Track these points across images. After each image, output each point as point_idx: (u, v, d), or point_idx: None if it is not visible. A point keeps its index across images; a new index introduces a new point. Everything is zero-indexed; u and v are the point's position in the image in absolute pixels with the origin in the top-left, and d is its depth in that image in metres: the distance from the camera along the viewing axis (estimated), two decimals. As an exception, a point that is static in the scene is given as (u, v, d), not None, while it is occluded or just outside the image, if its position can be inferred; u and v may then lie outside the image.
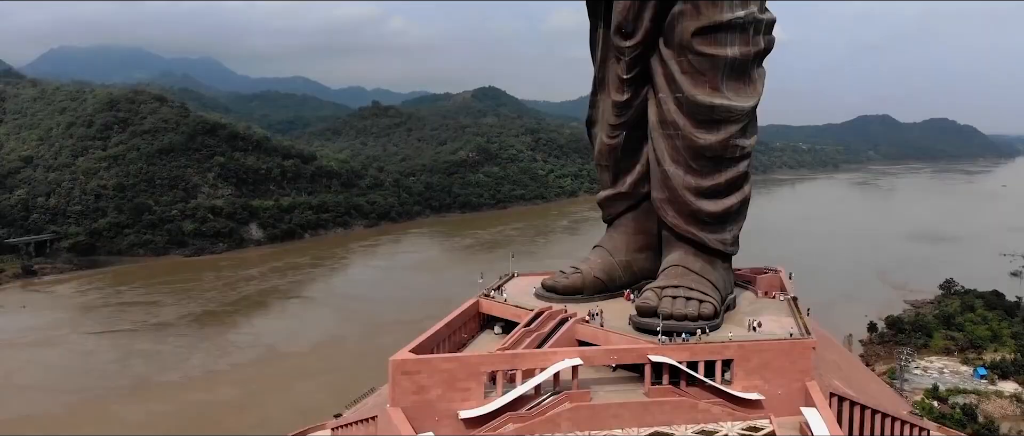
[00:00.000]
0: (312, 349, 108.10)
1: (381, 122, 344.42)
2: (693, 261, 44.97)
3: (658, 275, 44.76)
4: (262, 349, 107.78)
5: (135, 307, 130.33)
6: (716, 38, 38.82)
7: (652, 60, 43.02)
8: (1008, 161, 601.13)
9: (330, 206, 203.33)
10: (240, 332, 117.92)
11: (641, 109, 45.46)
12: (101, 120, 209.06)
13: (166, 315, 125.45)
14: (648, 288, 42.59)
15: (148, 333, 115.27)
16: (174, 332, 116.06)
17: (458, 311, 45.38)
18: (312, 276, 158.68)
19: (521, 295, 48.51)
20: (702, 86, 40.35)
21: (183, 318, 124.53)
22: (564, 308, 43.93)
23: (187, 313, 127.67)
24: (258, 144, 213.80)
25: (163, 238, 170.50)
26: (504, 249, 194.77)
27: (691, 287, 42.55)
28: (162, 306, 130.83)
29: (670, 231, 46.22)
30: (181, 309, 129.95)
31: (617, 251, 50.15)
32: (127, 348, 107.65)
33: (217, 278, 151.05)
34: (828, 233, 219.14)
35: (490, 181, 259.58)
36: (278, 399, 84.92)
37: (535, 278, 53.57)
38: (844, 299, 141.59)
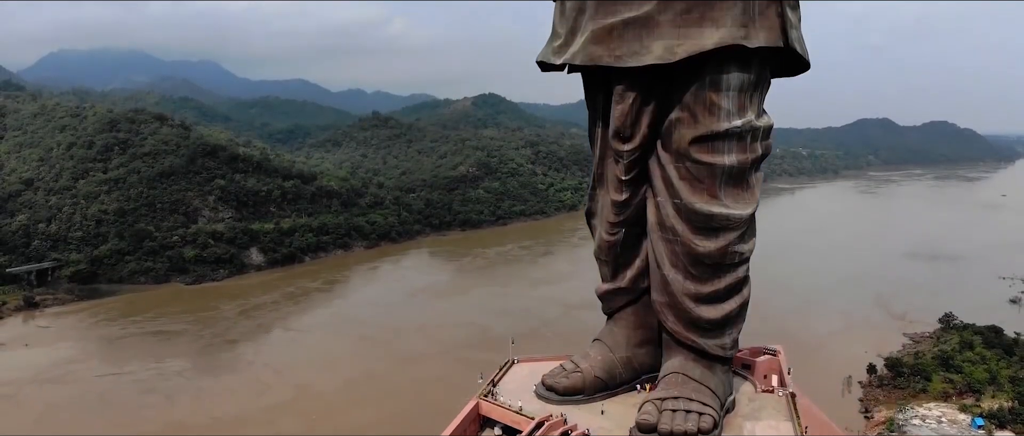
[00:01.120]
0: (345, 386, 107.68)
1: (381, 133, 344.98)
2: (693, 368, 45.14)
3: (658, 381, 45.10)
4: (293, 388, 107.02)
5: (147, 341, 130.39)
6: (713, 146, 39.01)
7: (651, 162, 43.15)
8: (1008, 165, 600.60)
9: (330, 228, 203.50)
10: (264, 367, 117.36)
11: (640, 207, 45.58)
12: (102, 141, 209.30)
13: (181, 350, 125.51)
14: (648, 400, 42.88)
15: (166, 371, 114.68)
16: (194, 369, 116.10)
17: (459, 418, 45.67)
18: (320, 302, 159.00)
19: (521, 391, 48.71)
20: (700, 193, 40.52)
21: (199, 353, 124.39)
22: (563, 419, 44.26)
23: (202, 347, 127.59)
24: (259, 165, 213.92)
25: (164, 265, 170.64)
26: (510, 268, 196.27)
27: (691, 397, 42.73)
28: (174, 340, 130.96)
29: (670, 336, 46.57)
30: (194, 342, 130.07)
31: (618, 347, 50.21)
32: (147, 388, 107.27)
33: (225, 307, 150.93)
34: (827, 247, 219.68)
35: (490, 197, 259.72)
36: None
37: (536, 365, 53.66)
38: (843, 329, 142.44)
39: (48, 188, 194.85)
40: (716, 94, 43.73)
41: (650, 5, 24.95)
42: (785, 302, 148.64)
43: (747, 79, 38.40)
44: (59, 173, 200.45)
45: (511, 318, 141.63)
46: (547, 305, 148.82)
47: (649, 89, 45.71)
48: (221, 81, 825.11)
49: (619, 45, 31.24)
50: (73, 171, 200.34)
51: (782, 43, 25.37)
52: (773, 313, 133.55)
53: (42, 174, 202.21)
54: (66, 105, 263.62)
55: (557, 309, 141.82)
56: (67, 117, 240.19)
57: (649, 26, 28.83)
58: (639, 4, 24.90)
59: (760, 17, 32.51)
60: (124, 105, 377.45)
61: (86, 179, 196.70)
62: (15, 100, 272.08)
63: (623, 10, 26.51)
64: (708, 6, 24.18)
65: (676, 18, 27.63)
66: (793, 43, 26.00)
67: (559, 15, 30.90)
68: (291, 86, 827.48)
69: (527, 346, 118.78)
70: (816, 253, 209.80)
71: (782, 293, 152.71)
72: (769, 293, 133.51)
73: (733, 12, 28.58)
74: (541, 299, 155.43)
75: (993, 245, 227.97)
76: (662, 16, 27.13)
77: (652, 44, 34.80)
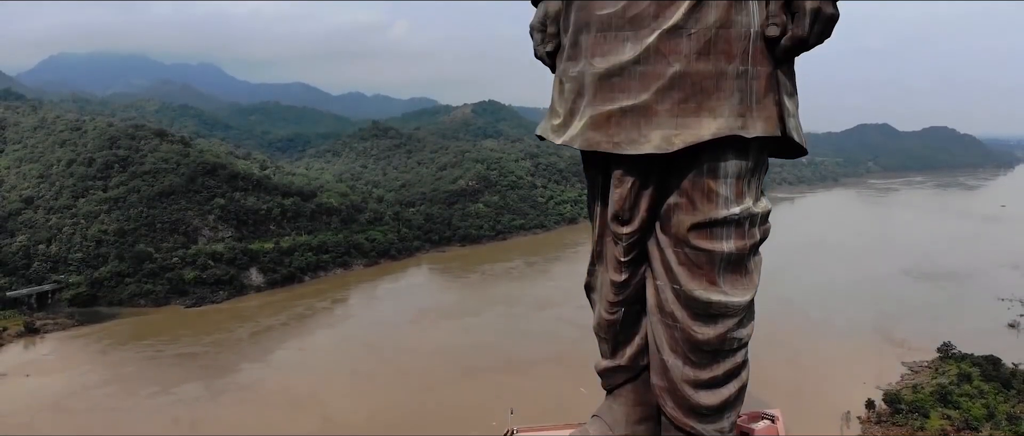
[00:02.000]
0: (373, 416, 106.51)
1: (381, 144, 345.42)
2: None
3: (657, 467, 45.48)
4: (320, 420, 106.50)
5: (158, 367, 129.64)
6: (712, 233, 39.12)
7: (650, 244, 43.53)
8: (1007, 171, 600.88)
9: (330, 246, 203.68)
10: (283, 394, 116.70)
11: (640, 286, 46.12)
12: (102, 159, 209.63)
13: (193, 374, 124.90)
14: (646, 489, 43.27)
15: (184, 397, 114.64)
16: (210, 396, 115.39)
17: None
18: (329, 324, 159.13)
19: (521, 470, 49.12)
20: (699, 280, 40.73)
21: (213, 378, 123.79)
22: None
23: (214, 372, 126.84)
24: (259, 183, 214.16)
25: (164, 287, 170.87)
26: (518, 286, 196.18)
27: (689, 477, 43.29)
28: (186, 364, 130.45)
29: (669, 420, 46.98)
30: (206, 368, 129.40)
31: (617, 424, 50.50)
32: (169, 416, 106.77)
33: (231, 330, 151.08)
34: (827, 263, 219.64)
35: (490, 211, 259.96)
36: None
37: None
38: (843, 357, 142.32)
39: (48, 207, 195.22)
40: (714, 181, 44.17)
41: (647, 95, 25.17)
42: (786, 324, 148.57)
43: (745, 166, 38.78)
44: (59, 191, 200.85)
45: (529, 341, 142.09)
46: (562, 327, 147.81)
47: (647, 173, 46.21)
48: (221, 84, 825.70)
49: (617, 132, 31.73)
50: (73, 189, 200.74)
51: (779, 133, 25.78)
52: (775, 337, 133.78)
53: (42, 192, 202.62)
54: (66, 118, 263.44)
55: (574, 331, 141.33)
56: (67, 131, 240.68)
57: (647, 115, 29.22)
58: (637, 93, 25.12)
59: (758, 106, 32.94)
60: (124, 113, 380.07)
61: (86, 197, 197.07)
62: (15, 112, 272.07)
63: (621, 98, 26.76)
64: (705, 96, 24.40)
65: (673, 108, 27.97)
66: (791, 132, 26.26)
67: (558, 93, 30.71)
68: (291, 89, 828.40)
69: (550, 371, 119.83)
70: (816, 270, 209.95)
71: (783, 315, 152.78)
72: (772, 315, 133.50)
73: (730, 102, 28.96)
74: (556, 320, 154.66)
75: (992, 262, 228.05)
76: (660, 105, 27.45)
77: (650, 133, 35.23)
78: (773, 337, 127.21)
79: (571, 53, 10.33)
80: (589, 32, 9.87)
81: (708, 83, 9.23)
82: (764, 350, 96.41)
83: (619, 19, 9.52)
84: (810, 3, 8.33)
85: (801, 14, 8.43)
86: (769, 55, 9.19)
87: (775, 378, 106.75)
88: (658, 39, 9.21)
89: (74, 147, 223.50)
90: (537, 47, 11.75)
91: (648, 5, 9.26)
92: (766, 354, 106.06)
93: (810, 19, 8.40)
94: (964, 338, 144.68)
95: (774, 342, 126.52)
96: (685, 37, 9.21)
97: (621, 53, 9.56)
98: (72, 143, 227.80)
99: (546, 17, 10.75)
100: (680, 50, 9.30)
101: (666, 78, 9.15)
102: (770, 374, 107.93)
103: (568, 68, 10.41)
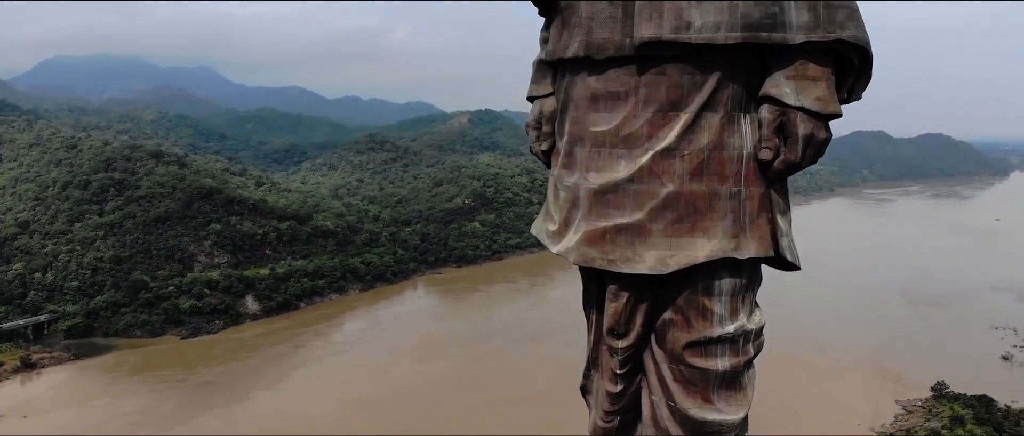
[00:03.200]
0: None
1: (377, 157, 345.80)
2: None
3: None
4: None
5: (166, 403, 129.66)
6: (707, 351, 39.50)
7: (645, 356, 43.95)
8: (1002, 179, 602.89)
9: (326, 271, 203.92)
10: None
11: (635, 395, 46.57)
12: (97, 182, 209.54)
13: (214, 408, 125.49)
14: None
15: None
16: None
17: None
18: (336, 352, 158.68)
19: None
20: (694, 397, 41.09)
21: (226, 411, 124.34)
22: None
23: (236, 411, 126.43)
24: (254, 207, 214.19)
25: (159, 317, 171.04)
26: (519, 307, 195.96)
27: None
28: (205, 395, 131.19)
29: None
30: (223, 403, 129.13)
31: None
32: None
33: (236, 363, 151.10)
34: (823, 284, 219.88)
35: (486, 230, 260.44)
36: None
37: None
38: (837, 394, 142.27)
39: (44, 231, 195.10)
40: (709, 300, 45.02)
41: (642, 214, 25.51)
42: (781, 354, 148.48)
43: (739, 283, 39.45)
44: (55, 215, 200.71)
45: (551, 369, 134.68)
46: (580, 355, 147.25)
47: (642, 289, 47.18)
48: (218, 88, 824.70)
49: (612, 249, 32.12)
50: (69, 213, 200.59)
51: (772, 252, 26.21)
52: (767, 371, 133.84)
53: (38, 215, 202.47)
54: (62, 135, 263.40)
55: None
56: (63, 150, 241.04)
57: (642, 234, 29.60)
58: (631, 211, 25.45)
59: (751, 226, 33.33)
60: (120, 124, 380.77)
61: (82, 222, 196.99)
62: (10, 126, 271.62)
63: (615, 215, 27.13)
64: (699, 216, 24.75)
65: (668, 228, 28.33)
66: (783, 251, 26.67)
67: (553, 197, 30.94)
68: (287, 93, 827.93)
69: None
70: (812, 293, 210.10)
71: (779, 343, 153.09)
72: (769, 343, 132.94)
73: (724, 223, 29.30)
74: (570, 347, 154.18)
75: (987, 284, 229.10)
76: (654, 225, 27.81)
77: (645, 253, 35.61)
78: (766, 370, 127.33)
79: (566, 161, 10.55)
80: (583, 146, 10.10)
81: (702, 204, 9.47)
82: (760, 383, 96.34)
83: (613, 137, 9.76)
84: (803, 129, 8.44)
85: (794, 139, 8.54)
86: (762, 175, 9.43)
87: (765, 420, 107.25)
88: (651, 160, 9.42)
89: (70, 167, 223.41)
90: (533, 144, 11.99)
91: (642, 126, 9.31)
92: (759, 392, 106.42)
93: (803, 144, 8.53)
94: (958, 371, 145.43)
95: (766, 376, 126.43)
96: (678, 158, 9.42)
97: (615, 171, 9.75)
98: (68, 163, 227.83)
99: (541, 116, 11.04)
100: (673, 171, 9.49)
101: (660, 198, 9.39)
102: (761, 417, 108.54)
103: (563, 176, 10.64)
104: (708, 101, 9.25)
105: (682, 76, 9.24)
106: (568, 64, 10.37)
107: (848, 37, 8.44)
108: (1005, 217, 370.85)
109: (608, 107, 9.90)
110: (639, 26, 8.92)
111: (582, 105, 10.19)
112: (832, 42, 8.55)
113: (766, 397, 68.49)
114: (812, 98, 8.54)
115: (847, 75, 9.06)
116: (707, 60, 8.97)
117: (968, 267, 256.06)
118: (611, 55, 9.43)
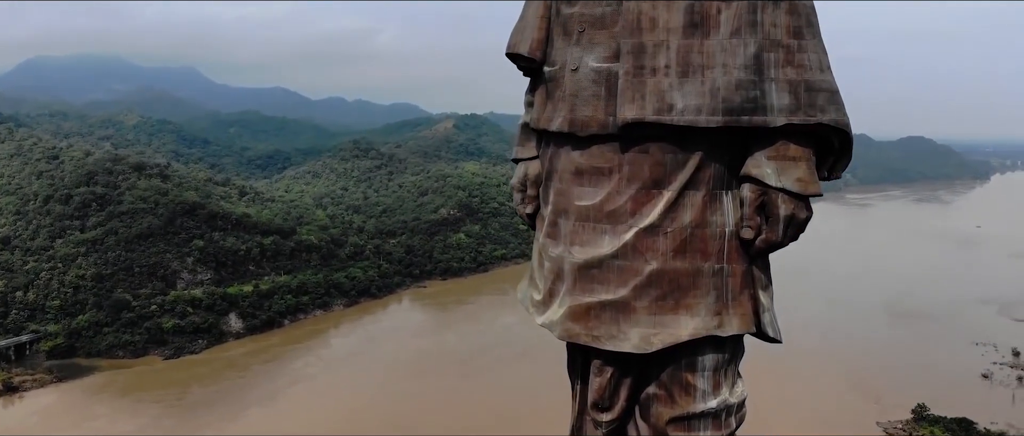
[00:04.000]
0: None
1: (362, 164, 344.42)
2: None
3: None
4: None
5: (165, 421, 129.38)
6: (690, 426, 39.66)
7: (629, 428, 44.26)
8: (983, 182, 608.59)
9: (310, 286, 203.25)
10: None
11: None
12: (79, 197, 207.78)
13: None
14: None
15: None
16: None
17: None
18: (321, 372, 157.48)
19: None
20: None
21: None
22: None
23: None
24: (238, 222, 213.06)
25: (142, 337, 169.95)
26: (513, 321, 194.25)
27: None
28: (193, 425, 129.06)
29: None
30: (210, 426, 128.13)
31: None
32: None
33: (228, 382, 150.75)
34: (803, 299, 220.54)
35: (471, 242, 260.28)
36: None
37: None
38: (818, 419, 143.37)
39: (25, 248, 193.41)
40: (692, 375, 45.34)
41: (626, 290, 25.76)
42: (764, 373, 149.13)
43: (722, 358, 39.92)
44: (36, 231, 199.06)
45: (560, 387, 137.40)
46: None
47: (627, 364, 47.50)
48: (202, 89, 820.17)
49: (597, 326, 32.40)
50: (50, 229, 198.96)
51: (755, 329, 26.57)
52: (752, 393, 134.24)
53: (19, 230, 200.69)
54: (43, 145, 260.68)
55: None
56: (44, 161, 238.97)
57: (626, 311, 29.89)
58: (615, 288, 25.68)
59: (734, 303, 33.77)
60: (102, 130, 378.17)
61: (63, 238, 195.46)
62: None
63: (600, 291, 27.41)
64: (682, 293, 25.05)
65: (651, 305, 28.63)
66: (765, 327, 27.06)
67: (537, 264, 31.26)
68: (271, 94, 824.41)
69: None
70: (793, 307, 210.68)
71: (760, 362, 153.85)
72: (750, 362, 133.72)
73: (707, 300, 29.68)
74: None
75: (967, 297, 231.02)
76: (638, 302, 28.10)
77: (629, 330, 35.89)
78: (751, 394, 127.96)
79: (551, 231, 10.58)
80: (568, 219, 10.12)
81: (685, 281, 9.54)
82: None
83: (597, 212, 9.80)
84: (784, 209, 8.58)
85: (775, 220, 8.69)
86: (744, 252, 9.56)
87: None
88: (635, 237, 9.48)
89: (51, 180, 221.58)
90: (517, 206, 12.03)
91: (625, 202, 9.36)
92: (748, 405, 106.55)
93: (784, 225, 8.67)
94: (939, 390, 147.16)
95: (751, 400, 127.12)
96: (662, 236, 9.47)
97: (600, 246, 9.80)
98: (49, 175, 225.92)
99: (527, 179, 11.04)
100: (657, 248, 9.55)
101: (644, 275, 9.46)
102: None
103: (548, 246, 10.66)
104: (691, 180, 9.28)
105: (665, 155, 9.26)
106: (553, 135, 10.41)
107: (829, 121, 8.53)
108: (985, 223, 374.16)
109: (592, 182, 9.93)
110: (622, 107, 8.94)
111: (567, 178, 10.21)
112: (813, 126, 8.63)
113: (745, 423, 68.44)
114: (793, 179, 8.62)
115: (828, 155, 9.19)
116: (689, 140, 9.00)
117: (949, 278, 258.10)
118: (595, 133, 9.43)
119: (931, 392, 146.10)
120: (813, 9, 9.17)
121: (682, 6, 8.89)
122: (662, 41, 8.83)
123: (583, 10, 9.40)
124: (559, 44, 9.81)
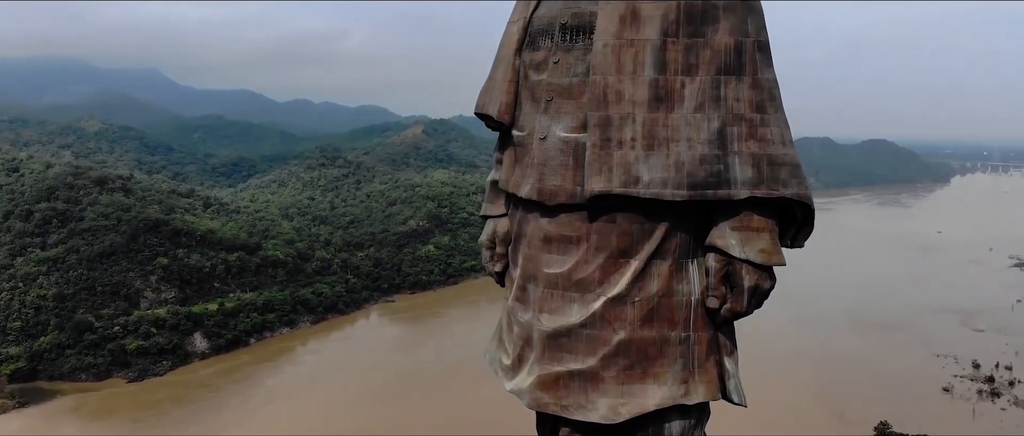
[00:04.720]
0: None
1: (329, 173, 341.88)
2: None
3: None
4: None
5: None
6: None
7: None
8: (943, 185, 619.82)
9: (276, 304, 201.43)
10: None
11: None
12: (40, 213, 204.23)
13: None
14: None
15: None
16: None
17: None
18: (294, 390, 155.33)
19: None
20: None
21: None
22: None
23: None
24: (202, 238, 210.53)
25: (105, 359, 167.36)
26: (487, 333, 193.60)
27: None
28: None
29: None
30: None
31: None
32: None
33: (202, 402, 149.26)
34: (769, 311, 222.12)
35: (440, 254, 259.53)
36: None
37: None
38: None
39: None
40: None
41: (594, 360, 26.01)
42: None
43: (688, 424, 40.78)
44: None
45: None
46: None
47: (595, 432, 48.28)
48: (164, 91, 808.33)
49: (566, 395, 32.92)
50: (11, 247, 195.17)
51: (720, 396, 26.96)
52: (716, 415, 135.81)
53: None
54: (3, 156, 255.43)
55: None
56: (3, 174, 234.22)
57: (594, 381, 30.23)
58: (584, 357, 25.92)
59: (700, 370, 34.54)
60: (63, 137, 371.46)
61: (24, 256, 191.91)
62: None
63: (569, 360, 27.69)
64: (650, 363, 25.39)
65: (619, 374, 28.95)
66: (730, 394, 27.52)
67: (506, 327, 31.46)
68: (236, 97, 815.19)
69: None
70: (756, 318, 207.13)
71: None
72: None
73: (674, 368, 30.14)
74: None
75: (928, 306, 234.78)
76: (606, 372, 28.40)
77: (598, 400, 36.63)
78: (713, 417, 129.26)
79: (520, 295, 10.58)
80: (537, 285, 10.14)
81: (652, 350, 9.63)
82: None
83: (566, 280, 9.82)
84: (748, 280, 8.65)
85: (739, 290, 8.78)
86: (709, 320, 9.71)
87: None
88: (603, 306, 9.51)
89: (11, 194, 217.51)
90: (486, 264, 12.12)
91: (593, 271, 9.47)
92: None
93: (748, 295, 8.75)
94: (901, 406, 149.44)
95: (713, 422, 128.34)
96: (630, 305, 9.52)
97: (568, 315, 9.81)
98: (8, 189, 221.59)
99: (495, 236, 11.04)
100: (625, 318, 9.60)
101: (612, 345, 9.53)
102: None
103: (517, 310, 10.68)
104: (657, 249, 9.45)
105: (632, 225, 9.40)
106: (522, 200, 10.50)
107: (791, 195, 8.63)
108: (946, 228, 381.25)
109: (560, 250, 10.04)
110: (590, 179, 8.94)
111: (536, 244, 10.29)
112: (775, 199, 8.79)
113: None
114: (756, 250, 8.65)
115: (790, 225, 9.28)
116: (655, 211, 9.04)
117: (912, 286, 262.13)
118: (563, 202, 9.39)
119: (893, 408, 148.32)
120: (776, 83, 9.41)
121: (647, 80, 9.08)
122: (628, 114, 8.93)
123: (551, 79, 9.50)
124: (527, 109, 9.86)
